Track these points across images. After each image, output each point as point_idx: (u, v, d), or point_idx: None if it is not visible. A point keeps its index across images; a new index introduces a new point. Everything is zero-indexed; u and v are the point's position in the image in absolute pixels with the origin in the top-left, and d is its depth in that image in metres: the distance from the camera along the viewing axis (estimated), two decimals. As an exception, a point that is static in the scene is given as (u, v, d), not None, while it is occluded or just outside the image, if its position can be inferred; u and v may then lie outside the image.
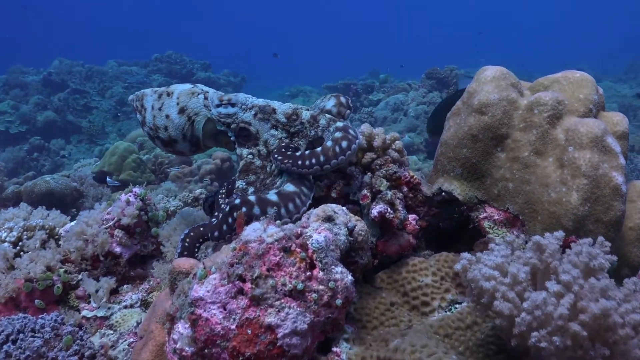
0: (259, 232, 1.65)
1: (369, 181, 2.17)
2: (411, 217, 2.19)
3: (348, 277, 1.65)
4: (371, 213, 2.07)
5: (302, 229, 1.72)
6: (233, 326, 1.50)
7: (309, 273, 1.59)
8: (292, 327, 1.51)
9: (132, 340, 2.09)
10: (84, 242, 2.32)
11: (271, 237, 1.62)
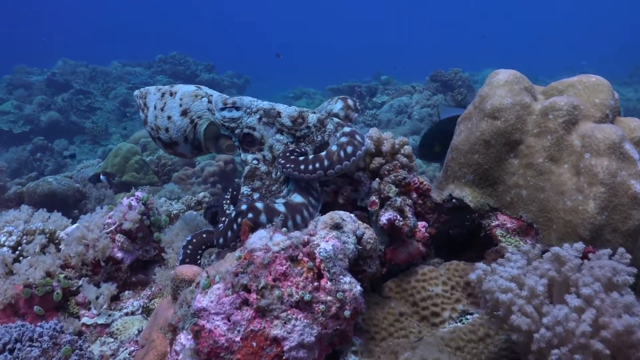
0: (264, 240, 1.60)
1: (377, 187, 2.11)
2: (420, 225, 2.13)
3: (357, 288, 1.59)
4: (380, 220, 2.01)
5: (309, 236, 1.66)
6: (237, 338, 1.45)
7: (316, 283, 1.53)
8: (298, 340, 1.46)
9: (133, 349, 2.03)
10: (84, 247, 2.27)
11: (277, 246, 1.56)
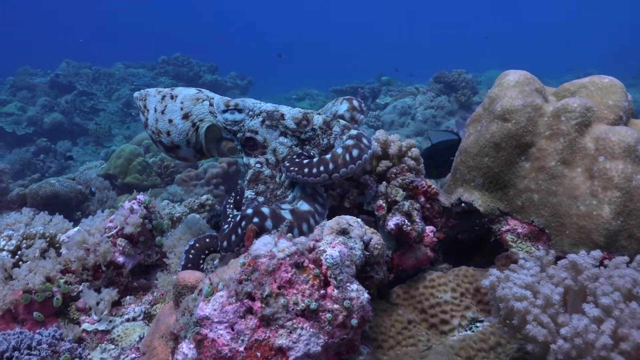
0: (269, 247, 1.55)
1: (384, 190, 2.06)
2: (428, 229, 2.08)
3: (364, 296, 1.54)
4: (388, 225, 1.96)
5: (315, 242, 1.61)
6: (241, 348, 1.40)
7: (322, 291, 1.48)
8: (304, 350, 1.41)
9: (134, 356, 1.99)
10: (85, 251, 2.23)
11: (282, 252, 1.52)
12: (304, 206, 1.87)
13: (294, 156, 1.99)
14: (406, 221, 1.95)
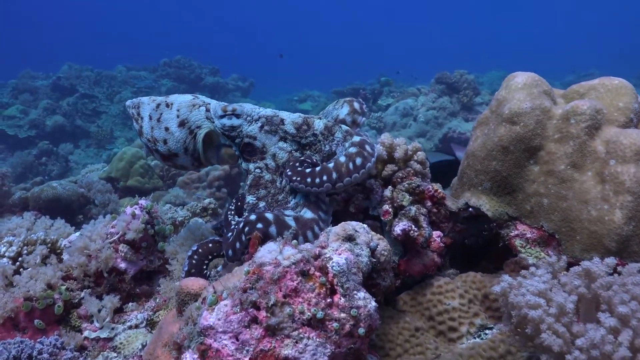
0: (274, 254, 1.52)
1: (390, 195, 2.02)
2: (435, 234, 2.04)
3: (371, 304, 1.51)
4: (394, 231, 1.92)
5: (321, 249, 1.58)
6: (246, 358, 1.38)
7: (329, 300, 1.45)
8: (311, 360, 1.37)
9: (136, 365, 1.95)
10: (87, 257, 2.20)
11: (288, 260, 1.48)
12: (307, 214, 1.83)
13: (296, 163, 1.95)
14: (413, 226, 1.91)
